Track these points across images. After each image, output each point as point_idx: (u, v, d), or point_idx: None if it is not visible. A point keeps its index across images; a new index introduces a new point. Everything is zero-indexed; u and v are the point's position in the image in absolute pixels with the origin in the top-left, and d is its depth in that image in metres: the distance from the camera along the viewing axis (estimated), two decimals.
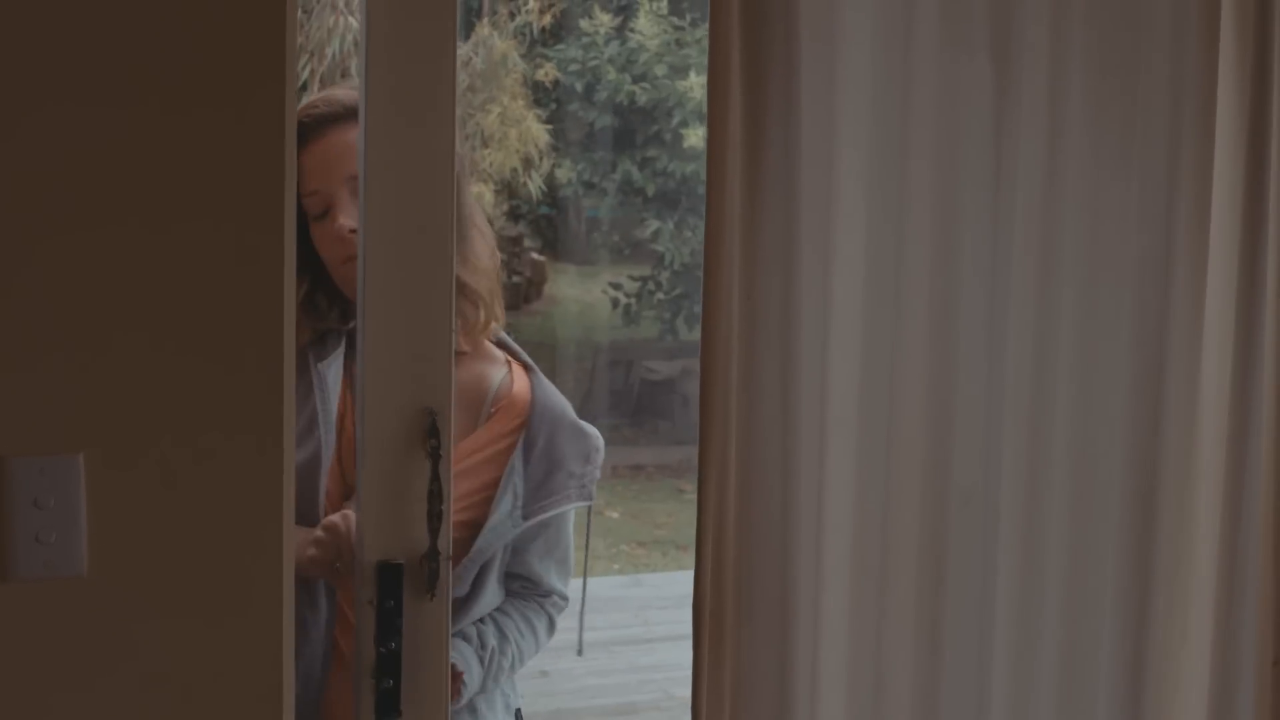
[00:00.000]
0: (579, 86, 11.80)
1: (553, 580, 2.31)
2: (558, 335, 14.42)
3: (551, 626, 2.35)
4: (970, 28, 1.86)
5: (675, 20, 11.90)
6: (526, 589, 2.30)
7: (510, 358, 2.29)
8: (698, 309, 2.38)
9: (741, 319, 1.78)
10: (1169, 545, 1.98)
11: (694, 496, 1.90)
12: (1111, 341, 1.94)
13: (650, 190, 11.91)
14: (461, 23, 10.19)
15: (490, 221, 2.35)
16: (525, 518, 2.20)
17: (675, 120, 11.65)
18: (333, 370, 2.20)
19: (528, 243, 15.73)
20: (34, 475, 1.62)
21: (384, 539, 1.82)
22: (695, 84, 11.38)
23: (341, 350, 2.22)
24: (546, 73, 10.94)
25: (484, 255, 2.22)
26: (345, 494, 2.18)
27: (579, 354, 14.77)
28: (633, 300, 12.88)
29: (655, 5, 11.81)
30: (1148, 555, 1.97)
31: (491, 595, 2.25)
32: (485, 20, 10.60)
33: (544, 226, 16.00)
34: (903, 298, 1.87)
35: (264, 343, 1.68)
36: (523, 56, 10.80)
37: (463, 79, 10.05)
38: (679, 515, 11.26)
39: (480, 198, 10.31)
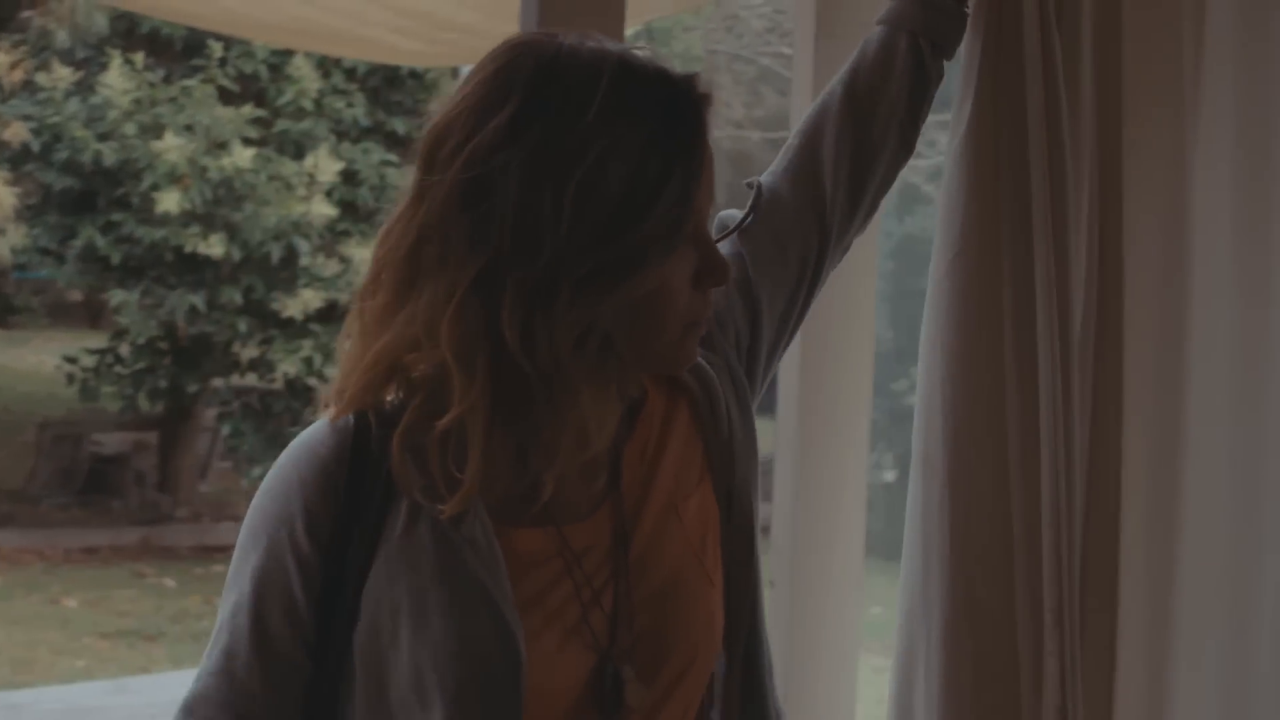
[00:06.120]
0: (36, 146, 10.96)
1: None
2: None
3: None
4: None
5: (150, 76, 11.22)
6: None
7: None
8: (161, 384, 2.06)
9: None
10: None
11: (154, 580, 1.58)
12: None
13: (115, 258, 11.17)
14: None
15: None
16: None
17: (145, 183, 10.96)
18: (480, 533, 1.72)
19: None
20: None
21: None
22: (171, 144, 10.75)
23: (481, 507, 1.70)
24: (15, 132, 10.10)
25: None
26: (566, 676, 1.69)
27: (18, 426, 13.86)
28: (90, 374, 12.09)
29: (130, 59, 11.10)
30: None
31: None
32: None
33: None
34: None
35: None
36: None
37: None
38: (141, 602, 10.57)
39: None
